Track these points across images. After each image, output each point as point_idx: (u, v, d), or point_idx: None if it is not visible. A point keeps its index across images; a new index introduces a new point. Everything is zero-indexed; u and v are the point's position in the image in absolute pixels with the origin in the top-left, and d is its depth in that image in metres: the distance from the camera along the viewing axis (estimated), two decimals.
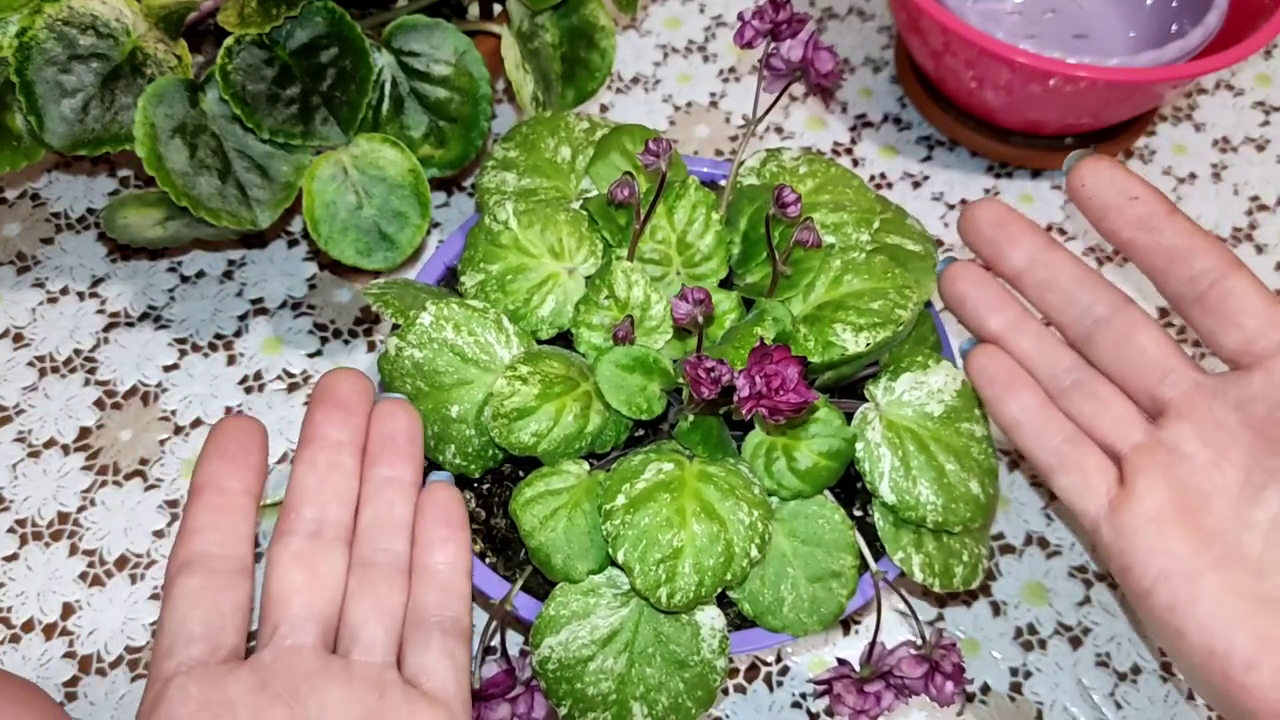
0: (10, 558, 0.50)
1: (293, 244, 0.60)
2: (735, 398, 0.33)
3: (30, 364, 0.55)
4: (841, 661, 0.38)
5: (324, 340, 0.57)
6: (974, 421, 0.41)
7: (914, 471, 0.39)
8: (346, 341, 0.57)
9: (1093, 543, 0.40)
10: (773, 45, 0.42)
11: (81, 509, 0.51)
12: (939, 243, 0.62)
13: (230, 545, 0.36)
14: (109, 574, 0.50)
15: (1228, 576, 0.37)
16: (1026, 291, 0.42)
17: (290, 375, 0.56)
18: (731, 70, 0.69)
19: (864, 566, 0.40)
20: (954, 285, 0.43)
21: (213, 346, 0.56)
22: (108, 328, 0.57)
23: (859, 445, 0.39)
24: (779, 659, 0.49)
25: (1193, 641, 0.37)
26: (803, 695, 0.48)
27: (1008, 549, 0.52)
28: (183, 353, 0.56)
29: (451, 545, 0.38)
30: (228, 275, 0.59)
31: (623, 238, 0.43)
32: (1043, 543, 0.53)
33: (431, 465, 0.42)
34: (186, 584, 0.34)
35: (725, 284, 0.44)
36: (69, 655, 0.48)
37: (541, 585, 0.40)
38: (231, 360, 0.56)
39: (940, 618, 0.50)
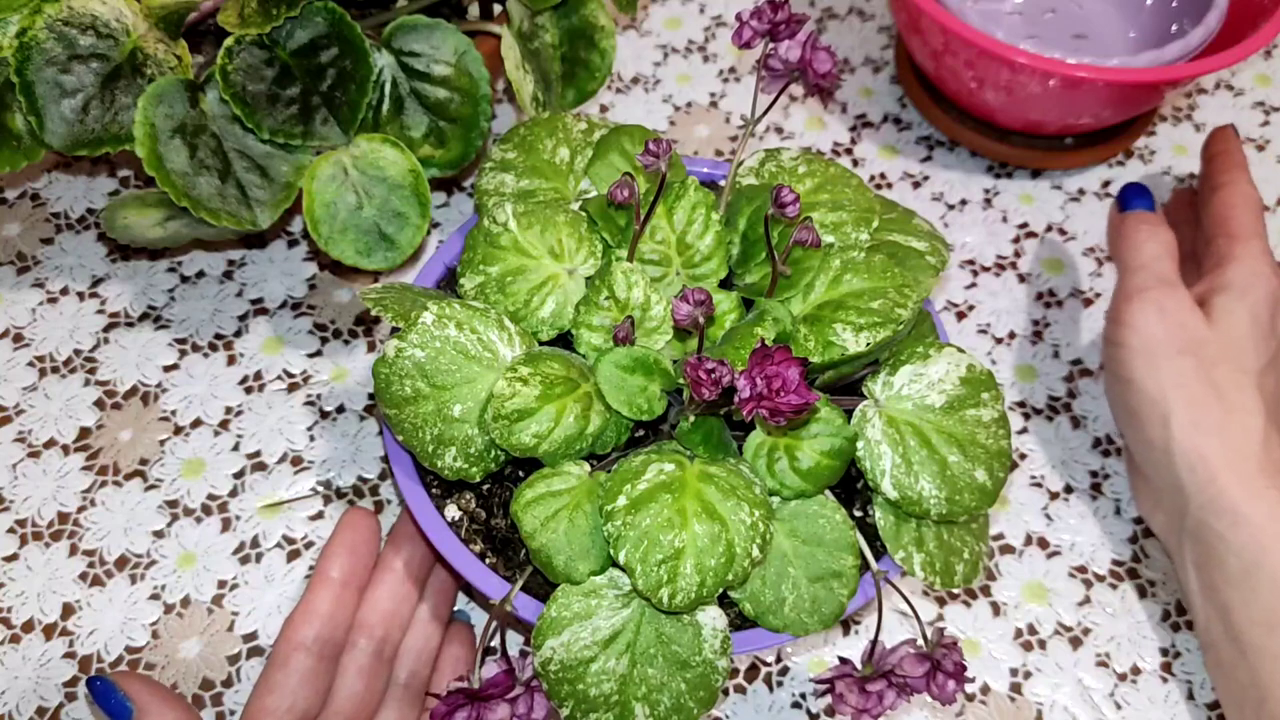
0: (10, 558, 0.50)
1: (293, 244, 0.60)
2: (736, 399, 0.33)
3: (30, 364, 0.55)
4: (843, 660, 0.38)
5: (324, 340, 0.57)
6: (981, 406, 0.41)
7: (915, 467, 0.39)
8: (346, 342, 0.57)
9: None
10: (771, 46, 0.42)
11: (81, 509, 0.51)
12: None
13: (338, 633, 0.43)
14: (109, 574, 0.50)
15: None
16: None
17: (290, 375, 0.56)
18: (731, 70, 0.69)
19: (865, 566, 0.40)
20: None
21: (213, 346, 0.56)
22: (108, 328, 0.57)
23: (859, 443, 0.39)
24: (779, 659, 0.49)
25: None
26: (802, 695, 0.48)
27: (1008, 549, 0.52)
28: (183, 353, 0.56)
29: None
30: (228, 275, 0.59)
31: (622, 238, 0.43)
32: (1043, 543, 0.53)
33: (427, 473, 0.42)
34: (303, 662, 0.42)
35: (725, 284, 0.44)
36: (69, 655, 0.48)
37: (542, 586, 0.40)
38: (231, 360, 0.56)
39: (940, 618, 0.50)
